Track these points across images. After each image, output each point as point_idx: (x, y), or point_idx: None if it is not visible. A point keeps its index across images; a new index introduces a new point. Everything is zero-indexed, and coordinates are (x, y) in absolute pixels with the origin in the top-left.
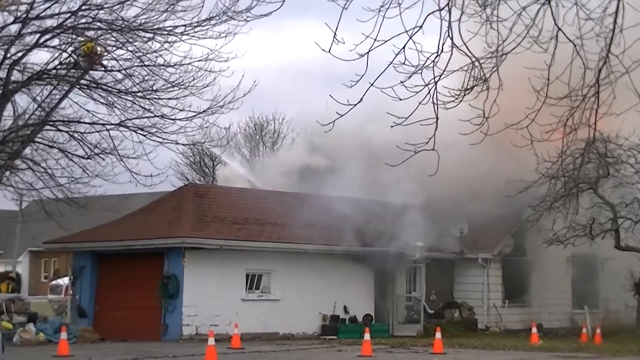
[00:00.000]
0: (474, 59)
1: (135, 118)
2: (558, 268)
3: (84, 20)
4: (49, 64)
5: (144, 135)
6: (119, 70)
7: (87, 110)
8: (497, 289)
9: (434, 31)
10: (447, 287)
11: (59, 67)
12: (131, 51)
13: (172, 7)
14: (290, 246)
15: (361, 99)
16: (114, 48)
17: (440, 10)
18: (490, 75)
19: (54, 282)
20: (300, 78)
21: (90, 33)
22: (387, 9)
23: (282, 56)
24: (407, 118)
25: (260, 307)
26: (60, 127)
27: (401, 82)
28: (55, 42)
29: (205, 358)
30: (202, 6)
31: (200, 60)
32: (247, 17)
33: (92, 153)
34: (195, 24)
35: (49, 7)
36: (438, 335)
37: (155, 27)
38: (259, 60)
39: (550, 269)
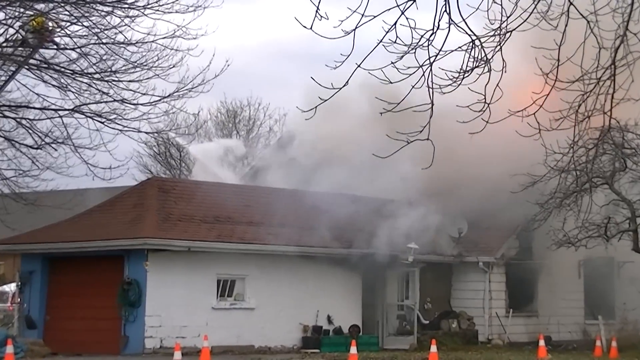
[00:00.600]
0: (474, 38)
1: (92, 103)
2: (569, 273)
3: None
4: None
5: (102, 123)
6: (73, 49)
7: (37, 94)
8: (500, 296)
9: (429, 6)
10: (443, 295)
11: (4, 44)
12: (87, 27)
13: None
14: (267, 248)
15: (347, 82)
16: (68, 23)
17: None
18: (492, 56)
19: None
20: (278, 58)
21: (41, 6)
22: None
23: (258, 33)
24: (398, 104)
25: (233, 317)
26: (6, 113)
27: (392, 63)
28: (1, 15)
29: None
30: None
31: (165, 38)
32: None
33: (43, 142)
34: None
35: None
36: (433, 348)
37: None
38: (232, 37)
39: (560, 274)
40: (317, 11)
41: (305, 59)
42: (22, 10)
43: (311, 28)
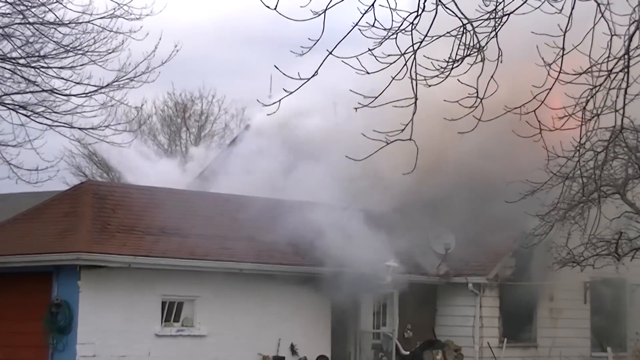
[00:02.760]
0: (465, 22)
1: (16, 93)
2: (573, 297)
3: None
4: None
5: (27, 116)
6: None
7: None
8: (492, 323)
9: None
10: (427, 321)
11: None
12: (10, 3)
13: None
14: (221, 265)
15: (316, 71)
16: None
17: None
18: (486, 43)
19: None
20: (236, 43)
21: None
22: None
23: (213, 13)
24: (376, 98)
25: (181, 346)
26: None
27: (369, 50)
28: None
29: None
30: None
31: (103, 18)
32: None
33: None
34: None
35: None
36: None
37: None
38: (183, 18)
39: (563, 299)
40: None
41: (268, 44)
42: None
43: (275, 8)
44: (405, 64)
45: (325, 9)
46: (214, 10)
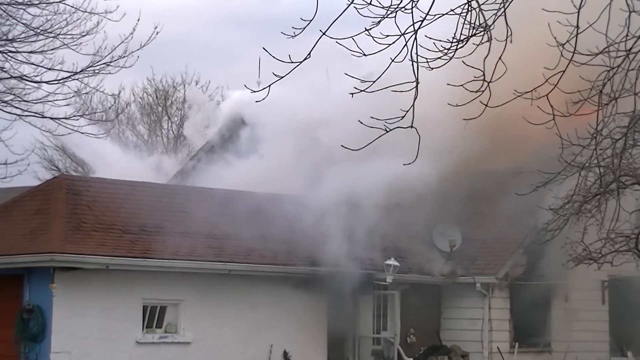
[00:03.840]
0: None
1: None
2: (590, 297)
3: None
4: None
5: None
6: None
7: None
8: (502, 326)
9: None
10: (431, 324)
11: None
12: None
13: None
14: (207, 266)
15: (309, 53)
16: None
17: None
18: (494, 22)
19: None
20: (222, 24)
21: None
22: None
23: None
24: (374, 82)
25: (164, 354)
26: None
27: (366, 30)
28: None
29: None
30: None
31: None
32: None
33: None
34: None
35: None
36: None
37: None
38: None
39: (579, 299)
40: None
41: (256, 25)
42: None
43: None
44: (406, 45)
45: None
46: None
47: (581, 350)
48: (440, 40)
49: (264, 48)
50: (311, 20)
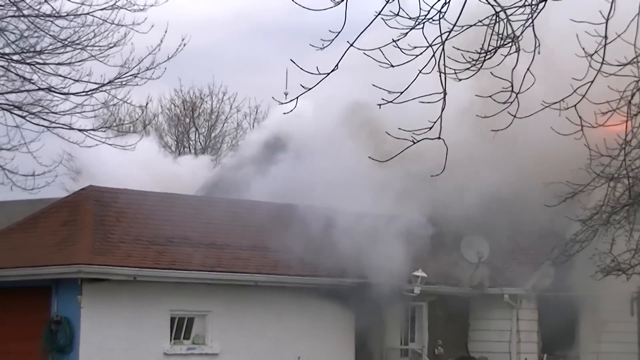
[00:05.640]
0: (498, 9)
1: (10, 92)
2: (619, 308)
3: None
4: None
5: (23, 117)
6: None
7: None
8: (531, 338)
9: None
10: (459, 336)
11: None
12: None
13: None
14: (235, 277)
15: (337, 65)
16: None
17: None
18: (522, 33)
19: None
20: (250, 35)
21: None
22: None
23: (224, 3)
24: (401, 93)
25: None
26: None
27: (394, 41)
28: None
29: None
30: None
31: (104, 9)
32: None
33: None
34: None
35: None
36: None
37: None
38: (190, 9)
39: (607, 310)
40: None
41: (284, 36)
42: None
43: None
44: (433, 56)
45: None
46: (224, 0)
47: None
48: (468, 52)
49: (291, 59)
50: (339, 33)
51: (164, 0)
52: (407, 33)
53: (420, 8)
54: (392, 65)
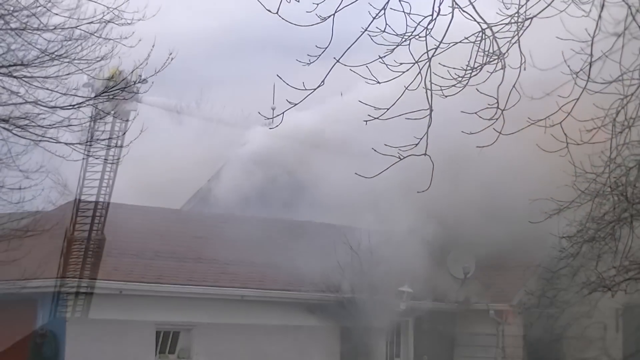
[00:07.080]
0: (484, 26)
1: None
2: (604, 325)
3: None
4: None
5: (9, 130)
6: None
7: None
8: (516, 354)
9: None
10: (445, 351)
11: None
12: None
13: None
14: (221, 291)
15: (322, 81)
16: None
17: None
18: (507, 50)
19: None
20: (236, 49)
21: None
22: None
23: (211, 18)
24: (388, 109)
25: None
26: None
27: (380, 57)
28: None
29: None
30: None
31: (92, 23)
32: None
33: None
34: None
35: None
36: None
37: None
38: (178, 23)
39: (592, 326)
40: None
41: (272, 52)
42: None
43: (277, 12)
44: (420, 73)
45: (333, 14)
46: (211, 13)
47: None
48: (454, 68)
49: (277, 75)
50: (325, 49)
51: (152, 13)
52: (393, 49)
53: (407, 25)
54: (379, 82)
